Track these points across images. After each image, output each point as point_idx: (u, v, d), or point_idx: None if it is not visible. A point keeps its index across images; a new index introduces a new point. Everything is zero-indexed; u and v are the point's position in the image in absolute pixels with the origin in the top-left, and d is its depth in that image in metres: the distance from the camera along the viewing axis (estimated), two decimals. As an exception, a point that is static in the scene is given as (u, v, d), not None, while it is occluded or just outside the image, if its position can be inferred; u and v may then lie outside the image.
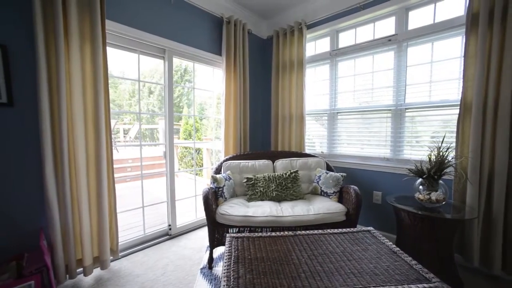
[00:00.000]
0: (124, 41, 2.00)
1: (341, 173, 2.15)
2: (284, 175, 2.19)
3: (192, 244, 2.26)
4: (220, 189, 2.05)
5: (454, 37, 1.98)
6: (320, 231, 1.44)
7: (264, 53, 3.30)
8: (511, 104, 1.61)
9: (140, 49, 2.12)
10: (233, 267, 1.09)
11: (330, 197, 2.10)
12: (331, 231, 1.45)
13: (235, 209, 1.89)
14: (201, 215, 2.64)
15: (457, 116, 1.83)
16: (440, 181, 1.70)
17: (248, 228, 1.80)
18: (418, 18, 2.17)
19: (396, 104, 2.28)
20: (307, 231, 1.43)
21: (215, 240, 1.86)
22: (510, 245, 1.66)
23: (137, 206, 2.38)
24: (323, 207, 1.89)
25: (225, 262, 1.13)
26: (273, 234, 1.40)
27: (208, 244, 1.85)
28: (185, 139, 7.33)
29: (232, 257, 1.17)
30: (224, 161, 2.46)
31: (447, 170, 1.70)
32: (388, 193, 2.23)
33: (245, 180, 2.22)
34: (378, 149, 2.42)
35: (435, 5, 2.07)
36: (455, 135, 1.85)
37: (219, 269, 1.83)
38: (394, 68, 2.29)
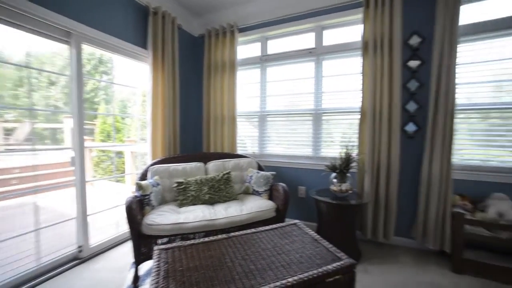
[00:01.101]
0: (7, 14, 1.52)
1: (271, 172, 2.31)
2: (217, 177, 2.17)
3: (112, 264, 1.95)
4: (147, 196, 1.85)
5: (355, 57, 2.42)
6: (252, 230, 1.50)
7: (195, 51, 3.17)
8: (388, 112, 2.11)
9: (32, 26, 1.67)
10: (162, 283, 1.00)
11: (261, 195, 2.22)
12: (262, 229, 1.53)
13: (164, 217, 1.74)
14: (125, 228, 2.32)
15: (358, 120, 2.26)
16: (348, 174, 2.06)
17: (180, 236, 1.69)
18: (330, 37, 2.56)
19: (315, 109, 2.61)
20: (241, 232, 1.46)
21: (141, 254, 1.66)
22: (388, 219, 2.17)
23: (28, 230, 1.84)
24: (255, 205, 1.98)
25: (153, 279, 1.03)
26: (206, 239, 1.37)
27: (133, 260, 1.63)
28: (102, 141, 6.23)
29: (161, 272, 1.07)
30: (151, 165, 2.23)
31: (353, 164, 2.07)
32: (311, 187, 2.53)
33: (176, 184, 2.08)
34: (302, 148, 2.72)
35: (342, 29, 2.50)
36: (357, 136, 2.28)
37: (146, 287, 1.65)
38: (314, 77, 2.63)
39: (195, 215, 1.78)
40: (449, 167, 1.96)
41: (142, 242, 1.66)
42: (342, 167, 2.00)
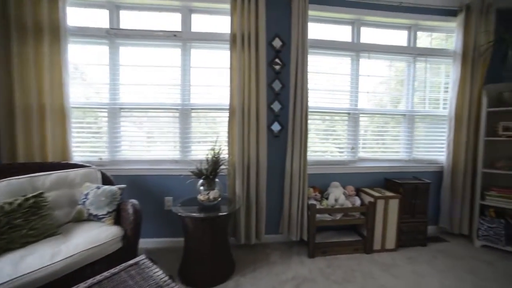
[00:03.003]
0: None
1: (119, 186, 1.70)
2: (10, 206, 1.31)
3: None
4: None
5: (225, 50, 2.23)
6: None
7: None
8: (256, 111, 2.07)
9: None
10: None
11: (103, 220, 1.57)
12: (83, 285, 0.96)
13: None
14: None
15: (227, 118, 2.08)
16: (217, 180, 1.82)
17: None
18: (200, 23, 2.24)
19: (183, 104, 2.22)
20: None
21: None
22: (259, 219, 2.16)
23: None
24: (85, 241, 1.33)
25: None
26: None
27: None
28: None
29: None
30: None
31: (222, 167, 1.85)
32: (180, 196, 2.13)
33: None
34: (168, 151, 2.26)
35: (212, 17, 2.23)
36: (227, 135, 2.10)
37: None
38: (181, 66, 2.21)
39: None
40: (305, 163, 2.15)
41: None
42: (209, 172, 1.73)
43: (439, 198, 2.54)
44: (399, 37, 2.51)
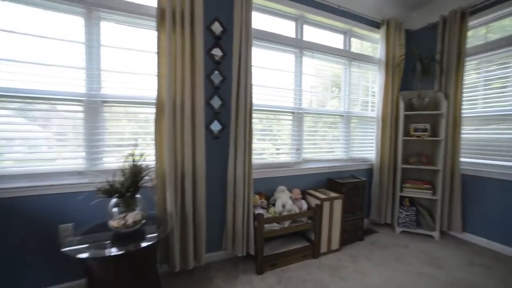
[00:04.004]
0: None
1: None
2: None
3: None
4: None
5: (149, 29, 1.77)
6: None
7: None
8: (191, 107, 1.70)
9: None
10: None
11: None
12: None
13: None
14: None
15: (154, 115, 1.63)
16: (138, 195, 1.36)
17: None
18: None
19: (89, 94, 1.63)
20: None
21: None
22: (198, 238, 1.78)
23: None
24: None
25: None
26: None
27: None
28: None
29: None
30: None
31: (147, 177, 1.41)
32: (84, 221, 1.54)
33: None
34: (69, 159, 1.62)
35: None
36: (154, 137, 1.64)
37: None
38: (86, 43, 1.62)
39: None
40: (250, 167, 1.91)
41: None
42: (126, 187, 1.26)
43: (370, 193, 2.75)
44: (337, 40, 2.60)
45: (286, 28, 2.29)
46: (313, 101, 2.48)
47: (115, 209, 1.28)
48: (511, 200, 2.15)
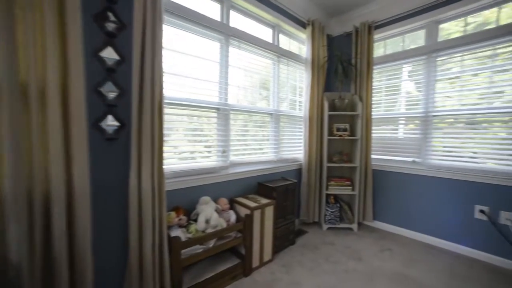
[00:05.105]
0: None
1: None
2: None
3: None
4: None
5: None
6: None
7: None
8: (62, 90, 1.11)
9: None
10: None
11: None
12: None
13: None
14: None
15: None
16: None
17: None
18: None
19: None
20: None
21: None
22: None
23: None
24: None
25: None
26: None
27: None
28: None
29: None
30: None
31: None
32: None
33: None
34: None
35: None
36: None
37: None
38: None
39: None
40: (162, 176, 1.47)
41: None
42: None
43: (299, 193, 2.73)
44: (266, 34, 2.43)
45: (210, 10, 1.94)
46: (240, 97, 2.23)
47: None
48: (406, 190, 2.54)
